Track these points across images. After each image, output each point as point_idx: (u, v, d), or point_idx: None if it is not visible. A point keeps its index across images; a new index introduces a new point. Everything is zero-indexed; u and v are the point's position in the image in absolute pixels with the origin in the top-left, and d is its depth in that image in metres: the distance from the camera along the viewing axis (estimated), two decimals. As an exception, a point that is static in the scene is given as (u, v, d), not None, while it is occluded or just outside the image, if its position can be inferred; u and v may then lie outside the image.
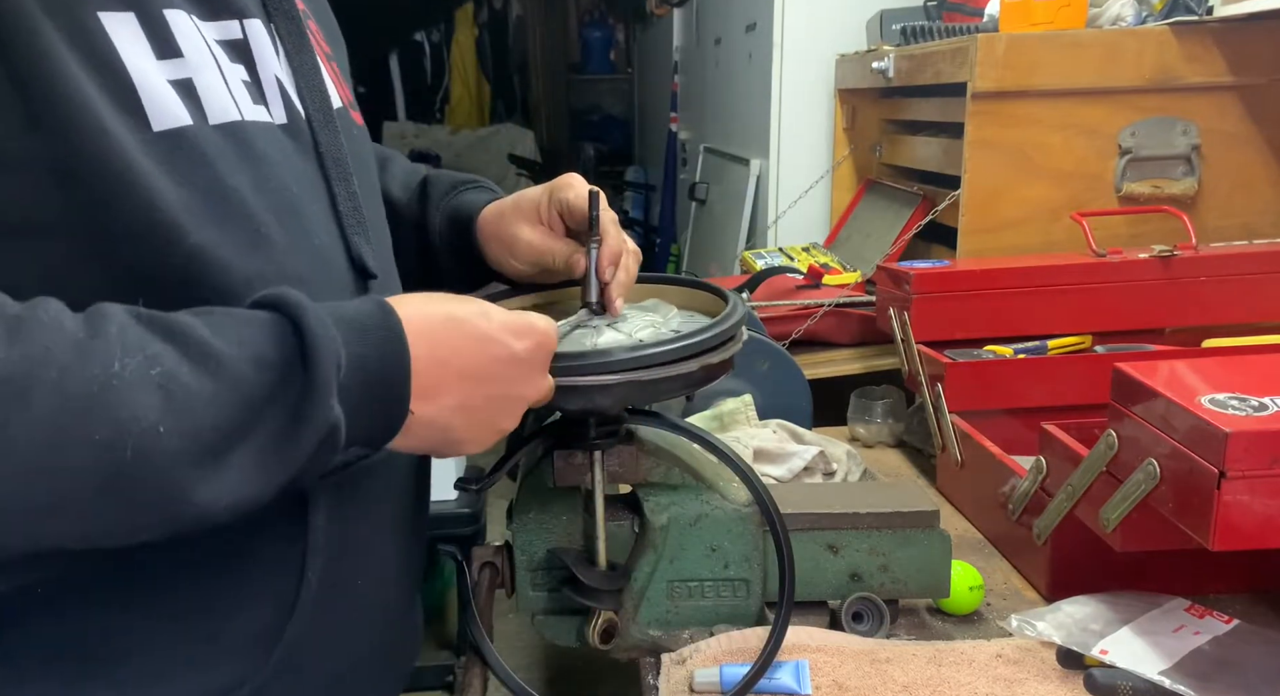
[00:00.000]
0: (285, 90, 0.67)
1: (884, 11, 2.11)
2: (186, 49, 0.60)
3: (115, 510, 0.51)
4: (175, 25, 0.60)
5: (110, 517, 0.51)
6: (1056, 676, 0.85)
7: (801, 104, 2.31)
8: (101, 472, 0.49)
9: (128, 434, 0.49)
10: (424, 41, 6.10)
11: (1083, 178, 1.56)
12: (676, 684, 0.85)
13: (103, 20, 0.56)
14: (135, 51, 0.57)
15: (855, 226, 2.15)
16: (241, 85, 0.64)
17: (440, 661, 2.39)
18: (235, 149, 0.61)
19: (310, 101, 0.69)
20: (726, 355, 0.77)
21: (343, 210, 0.69)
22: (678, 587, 0.90)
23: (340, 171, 0.70)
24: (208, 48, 0.62)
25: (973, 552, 1.12)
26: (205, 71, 0.61)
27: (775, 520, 0.83)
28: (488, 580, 0.91)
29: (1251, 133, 1.55)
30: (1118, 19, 1.57)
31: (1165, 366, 0.90)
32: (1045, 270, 1.39)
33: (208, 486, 0.52)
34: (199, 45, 0.61)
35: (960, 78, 1.54)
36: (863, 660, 0.87)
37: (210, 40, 0.62)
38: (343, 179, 0.70)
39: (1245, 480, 0.72)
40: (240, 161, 0.61)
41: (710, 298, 0.87)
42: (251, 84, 0.64)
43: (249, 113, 0.63)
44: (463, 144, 5.87)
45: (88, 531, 0.52)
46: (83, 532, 0.52)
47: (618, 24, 6.36)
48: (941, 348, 1.33)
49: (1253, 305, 1.38)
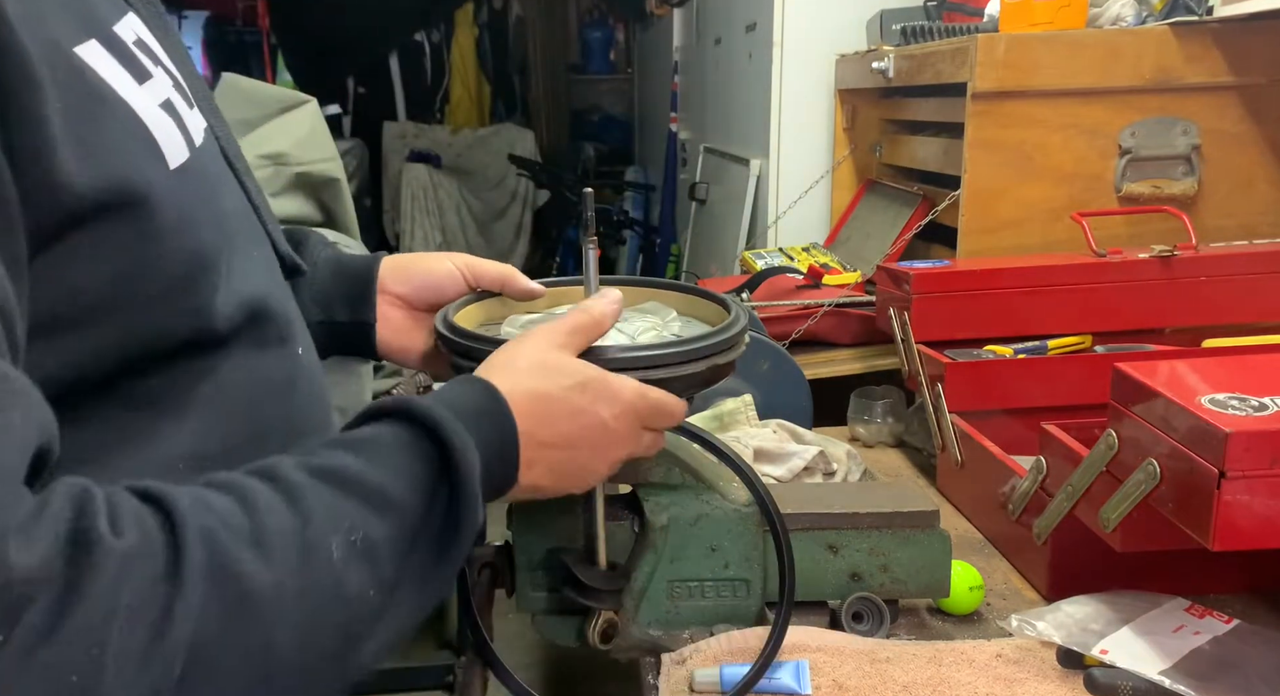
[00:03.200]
0: (185, 91, 0.61)
1: (884, 11, 2.11)
2: (147, 65, 0.57)
3: (341, 669, 0.52)
4: (125, 40, 0.56)
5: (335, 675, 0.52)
6: (1056, 676, 0.85)
7: (801, 104, 2.31)
8: (340, 647, 0.51)
9: (354, 610, 0.51)
10: (424, 41, 6.09)
11: (1083, 178, 1.56)
12: (676, 684, 0.85)
13: (82, 57, 0.52)
14: (123, 83, 0.54)
15: (855, 226, 2.15)
16: (173, 90, 0.59)
17: (440, 661, 2.39)
18: (213, 170, 0.62)
19: (196, 92, 0.64)
20: (732, 357, 0.77)
21: (257, 203, 0.70)
22: (678, 587, 0.90)
23: (243, 165, 0.69)
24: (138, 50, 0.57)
25: (973, 552, 1.12)
26: (166, 85, 0.58)
27: (775, 520, 0.83)
28: (488, 580, 0.91)
29: (1251, 133, 1.55)
30: (1118, 19, 1.58)
31: (1165, 366, 0.90)
32: (1045, 270, 1.39)
33: (385, 626, 0.54)
34: (137, 50, 0.57)
35: (960, 78, 1.54)
36: (863, 660, 0.87)
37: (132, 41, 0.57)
38: (249, 176, 0.70)
39: (1245, 480, 0.72)
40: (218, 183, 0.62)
41: (706, 303, 0.87)
42: (175, 87, 0.60)
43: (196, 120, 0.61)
44: (463, 144, 5.87)
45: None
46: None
47: (618, 24, 6.35)
48: (941, 347, 1.33)
49: (1253, 305, 1.38)
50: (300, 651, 0.48)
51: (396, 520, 0.53)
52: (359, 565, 0.51)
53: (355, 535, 0.51)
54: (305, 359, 0.70)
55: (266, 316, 0.64)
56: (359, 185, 5.42)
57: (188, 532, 0.44)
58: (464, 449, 0.57)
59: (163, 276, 0.54)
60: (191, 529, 0.45)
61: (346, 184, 1.82)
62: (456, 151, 5.82)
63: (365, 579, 0.51)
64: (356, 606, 0.51)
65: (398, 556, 0.53)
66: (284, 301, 0.69)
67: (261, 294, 0.64)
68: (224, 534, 0.46)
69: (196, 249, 0.56)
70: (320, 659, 0.50)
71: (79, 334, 0.51)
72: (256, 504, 0.49)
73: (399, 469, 0.55)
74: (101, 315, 0.52)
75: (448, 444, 0.56)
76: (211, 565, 0.44)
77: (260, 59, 5.41)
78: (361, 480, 0.53)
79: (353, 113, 6.01)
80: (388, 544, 0.53)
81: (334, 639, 0.50)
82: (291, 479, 0.51)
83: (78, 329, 0.51)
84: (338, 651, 0.51)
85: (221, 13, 5.85)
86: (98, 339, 0.52)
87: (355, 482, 0.53)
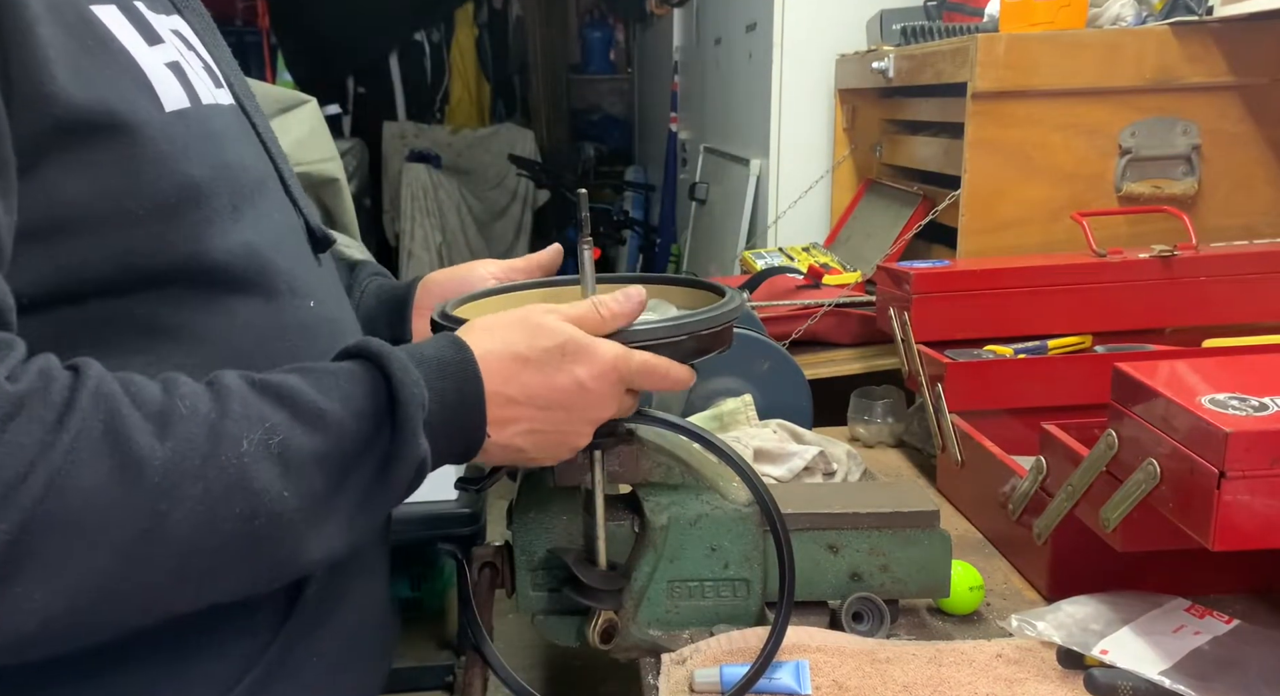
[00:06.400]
0: (217, 77, 0.70)
1: (884, 11, 2.11)
2: (164, 36, 0.63)
3: (249, 572, 0.57)
4: (147, 15, 0.63)
5: (244, 579, 0.57)
6: (1056, 676, 0.85)
7: (801, 104, 2.31)
8: (243, 541, 0.54)
9: (260, 504, 0.54)
10: (424, 41, 6.09)
11: (1083, 178, 1.56)
12: (676, 684, 0.85)
13: (95, 12, 0.58)
14: (131, 39, 0.60)
15: (855, 226, 2.15)
16: (202, 70, 0.67)
17: (440, 661, 2.39)
18: (220, 127, 0.65)
19: (238, 88, 0.72)
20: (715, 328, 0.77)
21: (290, 184, 0.74)
22: (678, 587, 0.90)
23: (278, 150, 0.74)
24: (173, 35, 0.65)
25: (973, 552, 1.12)
26: (180, 55, 0.64)
27: (776, 520, 0.83)
28: (488, 580, 0.91)
29: (1251, 133, 1.55)
30: (1118, 19, 1.57)
31: (1165, 366, 0.90)
32: (1045, 270, 1.39)
33: (319, 537, 0.58)
34: (168, 33, 0.64)
35: (960, 78, 1.54)
36: (863, 660, 0.87)
37: (167, 29, 0.65)
38: (282, 158, 0.75)
39: (1245, 480, 0.72)
40: (226, 139, 0.65)
41: (708, 296, 0.86)
42: (205, 69, 0.68)
43: (210, 88, 0.67)
44: (463, 144, 5.86)
45: (226, 591, 0.57)
46: (222, 593, 0.57)
47: (618, 24, 6.35)
48: (941, 348, 1.33)
49: (1253, 305, 1.38)
50: (195, 530, 0.52)
51: (330, 439, 0.57)
52: (271, 465, 0.55)
53: (273, 438, 0.55)
54: (322, 312, 0.72)
55: (274, 270, 0.67)
56: (359, 185, 5.42)
57: (83, 393, 0.50)
58: (409, 384, 0.60)
59: (149, 200, 0.58)
60: (89, 391, 0.50)
61: (346, 184, 1.82)
62: (456, 151, 5.81)
63: (277, 481, 0.55)
64: (267, 503, 0.54)
65: (330, 473, 0.57)
66: (300, 261, 0.72)
67: (272, 248, 0.67)
68: (125, 403, 0.51)
69: (186, 183, 0.60)
70: (224, 546, 0.54)
71: (73, 241, 0.56)
72: (178, 390, 0.54)
73: (343, 394, 0.59)
74: (94, 225, 0.56)
75: (391, 377, 0.60)
76: (102, 424, 0.50)
77: (260, 59, 5.40)
78: (298, 397, 0.57)
79: (353, 113, 6.00)
80: (315, 458, 0.56)
81: (239, 529, 0.54)
82: (227, 383, 0.56)
83: (71, 236, 0.56)
84: (248, 546, 0.55)
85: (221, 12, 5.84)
86: (92, 249, 0.56)
87: (291, 398, 0.57)
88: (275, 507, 0.55)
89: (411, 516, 2.04)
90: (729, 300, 0.79)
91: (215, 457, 0.53)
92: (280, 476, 0.55)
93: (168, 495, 0.51)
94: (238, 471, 0.53)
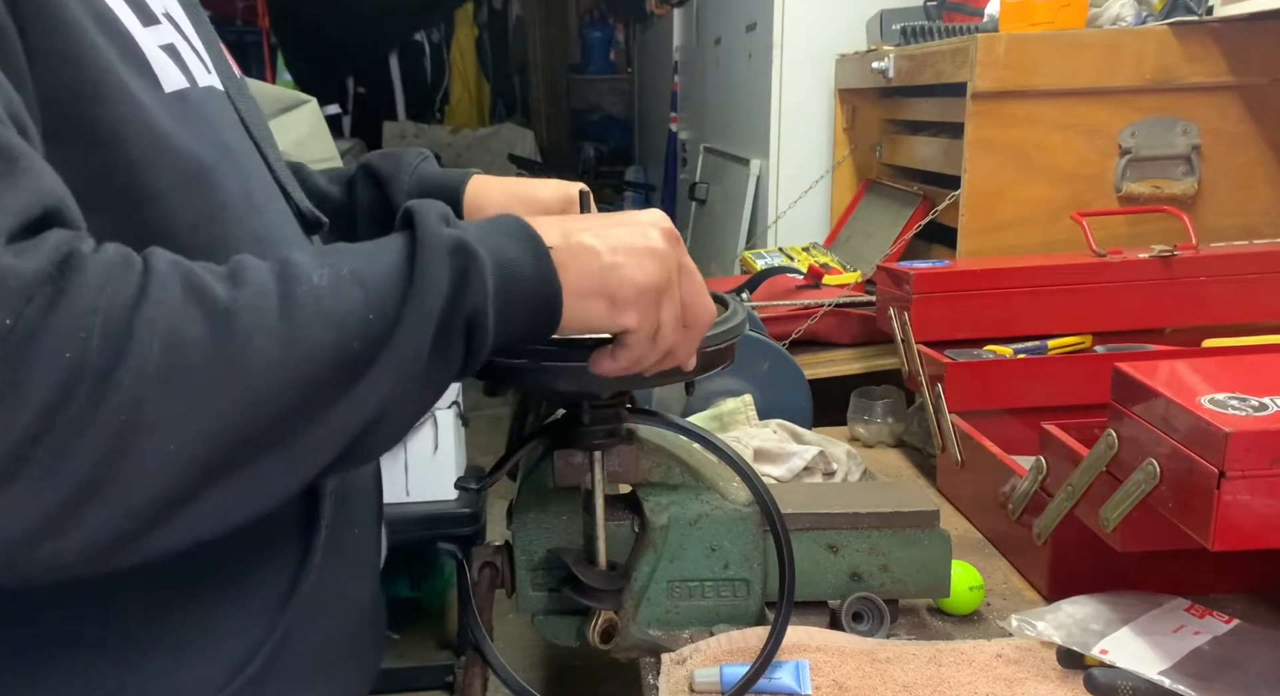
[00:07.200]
0: (206, 62, 0.70)
1: (884, 11, 2.11)
2: (159, 17, 0.63)
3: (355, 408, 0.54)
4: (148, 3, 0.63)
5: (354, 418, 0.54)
6: (1056, 676, 0.85)
7: (801, 104, 2.31)
8: (340, 368, 0.52)
9: (347, 328, 0.53)
10: (424, 41, 6.09)
11: (1083, 178, 1.56)
12: (676, 684, 0.85)
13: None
14: (129, 19, 0.60)
15: (855, 226, 2.15)
16: (193, 52, 0.67)
17: (440, 661, 2.39)
18: (215, 110, 0.66)
19: (221, 71, 0.72)
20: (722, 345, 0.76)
21: (275, 168, 0.74)
22: (678, 587, 0.90)
23: (262, 133, 0.74)
24: (166, 17, 0.65)
25: (973, 552, 1.12)
26: (175, 39, 0.64)
27: (776, 520, 0.83)
28: (488, 580, 0.91)
29: (1251, 133, 1.55)
30: (1118, 19, 1.58)
31: (1165, 366, 0.90)
32: (1045, 270, 1.39)
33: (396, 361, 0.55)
34: (163, 14, 0.64)
35: (960, 78, 1.54)
36: (863, 660, 0.87)
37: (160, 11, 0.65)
38: (267, 143, 0.74)
39: (1245, 480, 0.72)
40: (221, 122, 0.66)
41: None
42: (193, 51, 0.68)
43: (204, 73, 0.67)
44: (463, 144, 5.86)
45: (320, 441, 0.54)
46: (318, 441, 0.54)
47: (618, 24, 6.35)
48: (941, 347, 1.33)
49: (1253, 305, 1.38)
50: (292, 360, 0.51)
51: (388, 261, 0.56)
52: (351, 289, 0.53)
53: (344, 268, 0.54)
54: None
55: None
56: (359, 185, 5.42)
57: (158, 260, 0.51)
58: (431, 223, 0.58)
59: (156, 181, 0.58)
60: (163, 258, 0.51)
61: (346, 184, 1.81)
62: (456, 151, 5.81)
63: (359, 305, 0.53)
64: (350, 324, 0.53)
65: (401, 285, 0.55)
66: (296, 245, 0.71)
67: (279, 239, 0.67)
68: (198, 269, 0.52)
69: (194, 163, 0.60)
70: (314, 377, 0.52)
71: None
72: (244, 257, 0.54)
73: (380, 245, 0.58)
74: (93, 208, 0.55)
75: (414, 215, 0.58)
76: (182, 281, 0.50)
77: (260, 59, 5.40)
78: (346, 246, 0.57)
79: (353, 113, 6.00)
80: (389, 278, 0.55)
81: (326, 354, 0.52)
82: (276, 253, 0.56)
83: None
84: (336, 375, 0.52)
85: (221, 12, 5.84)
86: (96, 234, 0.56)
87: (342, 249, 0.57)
88: (364, 330, 0.53)
89: (411, 516, 2.04)
90: (732, 314, 0.78)
91: (290, 295, 0.52)
92: (361, 299, 0.53)
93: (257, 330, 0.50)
94: (315, 301, 0.52)
